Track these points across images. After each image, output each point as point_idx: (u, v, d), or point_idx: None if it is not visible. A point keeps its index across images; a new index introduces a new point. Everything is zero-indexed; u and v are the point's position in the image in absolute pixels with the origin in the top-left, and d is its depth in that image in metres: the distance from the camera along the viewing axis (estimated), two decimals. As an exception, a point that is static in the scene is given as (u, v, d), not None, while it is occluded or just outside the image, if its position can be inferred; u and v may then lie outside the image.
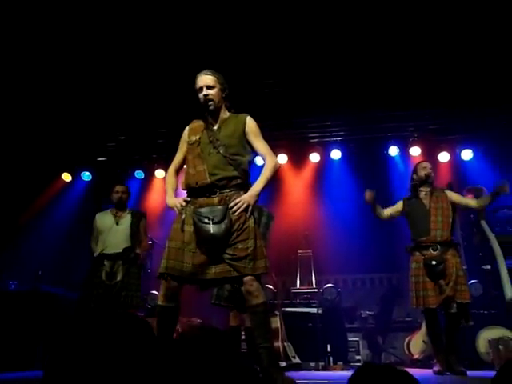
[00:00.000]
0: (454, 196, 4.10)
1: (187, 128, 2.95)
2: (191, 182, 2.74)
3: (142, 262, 4.46)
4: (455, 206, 4.09)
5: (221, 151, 2.71)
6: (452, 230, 4.00)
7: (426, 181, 4.12)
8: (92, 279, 4.17)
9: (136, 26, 5.05)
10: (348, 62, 5.56)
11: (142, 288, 6.02)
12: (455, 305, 3.78)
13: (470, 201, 4.17)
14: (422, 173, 4.14)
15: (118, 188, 4.50)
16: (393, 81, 5.76)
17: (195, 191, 2.73)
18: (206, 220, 2.56)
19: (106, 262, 4.18)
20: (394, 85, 5.79)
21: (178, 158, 2.96)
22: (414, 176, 4.21)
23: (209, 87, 2.80)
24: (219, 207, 2.61)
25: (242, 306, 3.99)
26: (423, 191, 4.11)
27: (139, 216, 4.49)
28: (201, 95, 2.81)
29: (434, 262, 3.81)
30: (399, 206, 4.23)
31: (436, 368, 3.90)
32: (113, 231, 4.30)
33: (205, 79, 2.82)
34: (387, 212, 4.26)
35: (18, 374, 4.26)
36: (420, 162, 4.34)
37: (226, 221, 2.57)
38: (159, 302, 2.66)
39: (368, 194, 4.12)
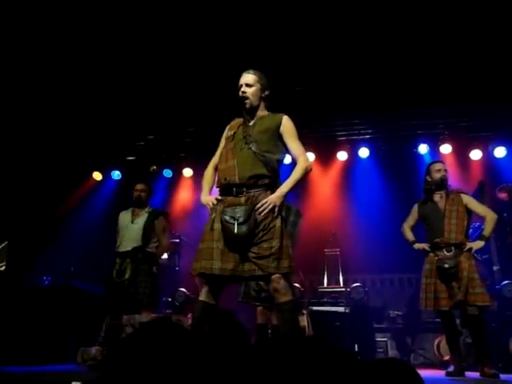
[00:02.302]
0: (469, 202, 3.96)
1: (228, 125, 2.99)
2: (221, 177, 2.78)
3: (157, 260, 4.39)
4: (469, 210, 3.97)
5: (252, 147, 2.73)
6: (466, 233, 3.92)
7: (441, 184, 3.99)
8: (108, 278, 4.26)
9: (166, 27, 5.12)
10: (376, 59, 5.49)
11: (169, 286, 6.16)
12: (469, 307, 3.69)
13: (483, 213, 3.94)
14: (436, 176, 4.01)
15: (138, 186, 4.50)
16: (422, 77, 5.65)
17: (224, 188, 2.76)
18: (232, 220, 2.59)
19: (117, 260, 4.24)
20: (424, 81, 5.68)
21: (217, 155, 2.97)
22: (428, 178, 4.06)
23: (247, 85, 2.85)
24: (245, 207, 2.63)
25: (270, 303, 4.03)
26: (438, 194, 4.01)
27: (156, 215, 4.44)
28: (240, 92, 2.86)
29: (446, 265, 3.76)
30: (415, 212, 4.17)
31: (450, 369, 3.87)
32: (127, 229, 4.33)
33: (245, 77, 2.88)
34: (408, 226, 4.20)
35: (50, 368, 4.38)
36: (433, 163, 4.15)
37: (250, 221, 2.58)
38: (201, 298, 2.73)
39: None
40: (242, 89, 2.85)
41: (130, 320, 5.00)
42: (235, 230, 2.56)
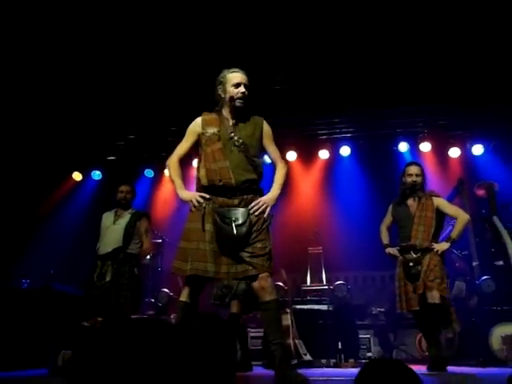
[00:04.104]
0: (440, 204, 4.03)
1: (200, 119, 2.91)
2: (214, 178, 2.73)
3: (139, 261, 4.34)
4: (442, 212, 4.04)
5: (242, 151, 2.74)
6: (436, 237, 4.00)
7: (413, 189, 4.05)
8: (89, 280, 4.21)
9: (145, 25, 5.07)
10: (357, 58, 5.53)
11: (151, 286, 6.11)
12: (429, 293, 3.74)
13: (454, 214, 4.04)
14: (408, 180, 4.06)
15: (123, 188, 4.47)
16: (402, 76, 5.71)
17: (216, 189, 2.74)
18: (228, 221, 2.62)
19: (98, 263, 4.19)
20: (403, 80, 5.74)
21: (184, 147, 2.92)
22: (403, 179, 4.12)
23: (246, 86, 2.83)
24: (242, 209, 2.67)
25: (247, 308, 4.09)
26: (411, 198, 4.08)
27: (138, 216, 4.41)
28: (236, 90, 2.80)
29: (411, 264, 3.89)
30: (389, 213, 4.26)
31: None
32: (109, 231, 4.29)
33: (244, 78, 2.85)
34: (385, 227, 4.29)
35: (30, 372, 4.31)
36: (407, 166, 4.16)
37: (247, 223, 2.63)
38: (182, 298, 2.73)
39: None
40: (242, 89, 2.80)
41: None
42: (234, 232, 2.59)
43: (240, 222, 2.61)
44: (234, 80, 2.82)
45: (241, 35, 5.07)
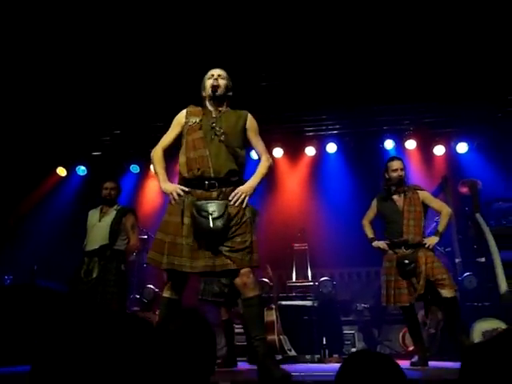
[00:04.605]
0: (425, 197, 4.05)
1: (185, 111, 2.94)
2: (193, 167, 2.72)
3: (125, 257, 4.34)
4: (426, 205, 4.07)
5: (223, 141, 2.73)
6: (424, 232, 4.02)
7: (399, 183, 4.05)
8: (75, 276, 4.20)
9: (131, 21, 5.01)
10: (343, 55, 5.55)
11: (136, 282, 6.07)
12: (442, 290, 3.75)
13: (439, 208, 4.07)
14: (393, 175, 4.04)
15: (107, 185, 4.46)
16: (388, 74, 5.75)
17: (195, 181, 2.73)
18: (205, 214, 2.59)
19: (85, 259, 4.19)
20: (390, 78, 5.78)
21: (169, 137, 2.93)
22: (386, 175, 4.10)
23: (220, 76, 2.90)
24: (219, 202, 2.64)
25: (231, 301, 4.09)
26: (397, 192, 4.08)
27: (124, 212, 4.40)
28: (210, 81, 2.89)
29: (406, 261, 3.85)
30: (374, 207, 4.23)
31: (414, 359, 3.96)
32: (95, 228, 4.29)
33: (217, 70, 2.94)
34: (368, 221, 4.26)
35: (13, 369, 4.26)
36: (390, 161, 4.13)
37: (224, 216, 2.60)
38: (165, 294, 2.73)
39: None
40: (215, 78, 2.87)
41: None
42: (210, 225, 2.56)
43: (217, 214, 2.58)
44: (208, 75, 2.93)
45: (226, 31, 5.05)
